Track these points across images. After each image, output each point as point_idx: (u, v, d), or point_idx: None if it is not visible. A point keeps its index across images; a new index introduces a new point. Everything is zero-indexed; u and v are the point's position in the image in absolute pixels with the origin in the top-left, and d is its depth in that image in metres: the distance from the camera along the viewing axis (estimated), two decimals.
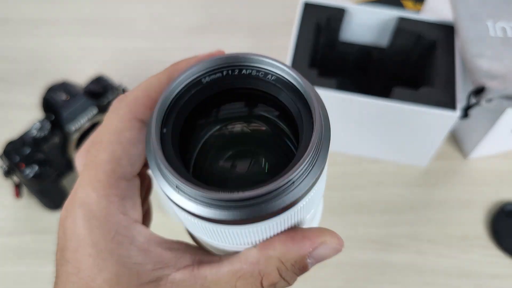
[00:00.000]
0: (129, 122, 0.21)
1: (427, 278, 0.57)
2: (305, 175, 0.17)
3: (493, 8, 0.60)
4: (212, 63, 0.20)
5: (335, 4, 0.63)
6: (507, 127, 0.60)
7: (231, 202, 0.17)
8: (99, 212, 0.20)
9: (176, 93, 0.19)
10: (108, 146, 0.21)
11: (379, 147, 0.64)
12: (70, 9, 0.83)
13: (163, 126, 0.19)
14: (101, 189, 0.20)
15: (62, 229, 0.21)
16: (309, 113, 0.19)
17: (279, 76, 0.21)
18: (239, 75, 0.20)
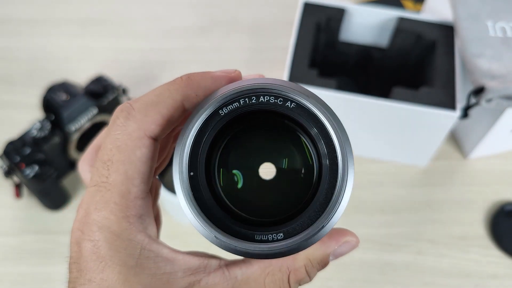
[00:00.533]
0: (139, 141, 0.21)
1: (427, 278, 0.57)
2: (324, 226, 0.20)
3: (492, 8, 0.60)
4: (229, 95, 0.20)
5: (335, 4, 0.63)
6: (507, 127, 0.60)
7: (265, 252, 0.19)
8: (121, 234, 0.20)
9: (195, 135, 0.20)
10: (120, 167, 0.20)
11: (379, 147, 0.64)
12: (71, 9, 0.83)
13: (190, 171, 0.20)
14: (119, 211, 0.20)
15: (78, 250, 0.21)
16: (331, 146, 0.21)
17: (302, 104, 0.21)
18: (258, 102, 0.20)
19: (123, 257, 0.20)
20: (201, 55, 0.77)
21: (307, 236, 0.20)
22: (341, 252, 0.22)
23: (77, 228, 0.21)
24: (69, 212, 0.62)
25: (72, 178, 0.64)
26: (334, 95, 0.55)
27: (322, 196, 0.20)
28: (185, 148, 0.20)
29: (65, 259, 0.22)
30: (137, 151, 0.21)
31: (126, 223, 0.20)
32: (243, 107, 0.20)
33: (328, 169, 0.21)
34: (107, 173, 0.21)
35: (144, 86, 0.73)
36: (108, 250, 0.20)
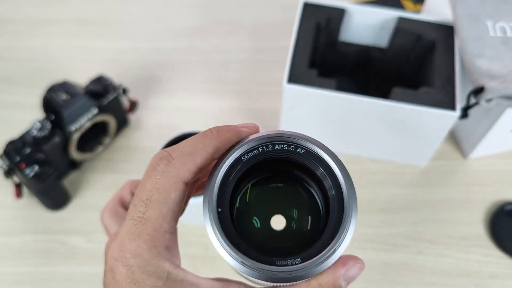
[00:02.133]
0: (176, 185, 0.25)
1: (427, 278, 0.57)
2: (336, 250, 0.23)
3: (492, 8, 0.60)
4: (251, 145, 0.25)
5: (335, 4, 0.63)
6: (507, 127, 0.60)
7: (286, 273, 0.23)
8: (151, 260, 0.24)
9: (223, 176, 0.24)
10: (157, 205, 0.24)
11: (379, 147, 0.64)
12: (71, 9, 0.83)
13: (218, 207, 0.24)
14: (150, 241, 0.24)
15: (113, 277, 0.24)
16: (339, 190, 0.24)
17: (310, 151, 0.25)
18: (273, 150, 0.25)
19: (153, 279, 0.23)
20: (201, 55, 0.77)
21: (321, 258, 0.23)
22: (350, 275, 0.24)
23: (111, 257, 0.25)
24: (69, 212, 0.62)
25: (72, 178, 0.64)
26: (333, 95, 0.55)
27: (332, 227, 0.24)
28: (214, 187, 0.24)
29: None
30: (173, 194, 0.25)
31: (155, 252, 0.24)
32: (262, 154, 0.25)
33: (336, 204, 0.24)
34: (144, 209, 0.24)
35: (144, 86, 0.73)
36: (140, 274, 0.24)
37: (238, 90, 0.73)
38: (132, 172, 0.65)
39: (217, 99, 0.72)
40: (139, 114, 0.70)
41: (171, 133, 0.60)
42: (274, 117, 0.69)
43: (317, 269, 0.23)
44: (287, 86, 0.56)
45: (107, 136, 0.65)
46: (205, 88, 0.73)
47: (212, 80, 0.74)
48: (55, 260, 0.58)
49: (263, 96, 0.72)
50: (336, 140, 0.63)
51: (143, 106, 0.71)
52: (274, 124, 0.69)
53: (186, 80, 0.74)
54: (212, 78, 0.74)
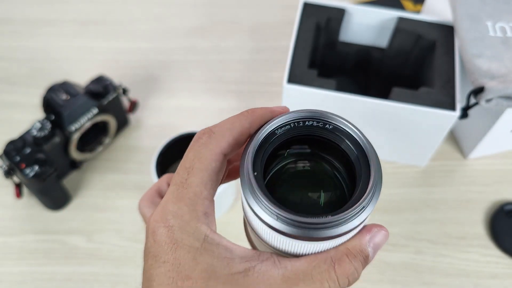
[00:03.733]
0: (216, 155, 0.27)
1: (426, 277, 0.57)
2: (365, 207, 0.24)
3: (492, 8, 0.60)
4: (284, 119, 0.26)
5: (335, 4, 0.63)
6: (507, 127, 0.60)
7: (318, 225, 0.23)
8: (191, 222, 0.25)
9: (258, 144, 0.26)
10: (198, 173, 0.26)
11: (379, 147, 0.63)
12: (71, 9, 0.83)
13: (254, 170, 0.25)
14: (191, 205, 0.26)
15: (154, 239, 0.26)
16: (364, 158, 0.25)
17: (338, 126, 0.27)
18: (303, 125, 0.27)
19: (191, 240, 0.25)
20: (201, 55, 0.77)
21: (350, 213, 0.23)
22: (376, 242, 0.26)
23: (153, 220, 0.26)
24: (69, 212, 0.62)
25: (72, 178, 0.64)
26: (333, 95, 0.55)
27: (359, 191, 0.25)
28: (250, 153, 0.25)
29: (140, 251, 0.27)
30: (213, 163, 0.27)
31: (195, 214, 0.26)
32: (293, 129, 0.26)
33: (362, 170, 0.25)
34: (186, 176, 0.26)
35: (144, 86, 0.73)
36: (180, 234, 0.25)
37: (238, 90, 0.73)
38: (132, 172, 0.65)
39: (217, 99, 0.72)
40: (139, 114, 0.70)
41: (171, 133, 0.60)
42: None
43: (346, 225, 0.23)
44: (287, 86, 0.56)
45: (107, 136, 0.65)
46: (205, 88, 0.73)
47: (212, 80, 0.74)
48: (55, 260, 0.58)
49: (263, 96, 0.72)
50: None
51: (143, 106, 0.71)
52: None
53: (186, 80, 0.74)
54: (212, 78, 0.74)
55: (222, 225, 0.60)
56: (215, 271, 0.24)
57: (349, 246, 0.25)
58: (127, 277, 0.57)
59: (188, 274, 0.24)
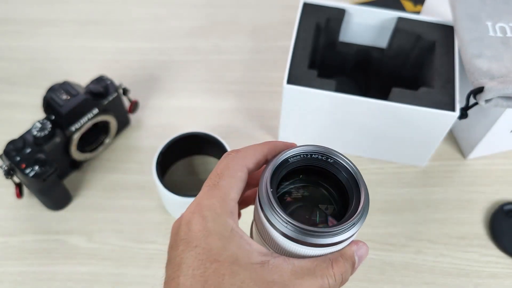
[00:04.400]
0: (241, 167, 0.33)
1: (427, 277, 0.57)
2: (355, 224, 0.30)
3: (492, 8, 0.60)
4: (296, 151, 0.33)
5: (335, 5, 0.63)
6: (506, 127, 0.60)
7: (319, 233, 0.29)
8: (222, 215, 0.30)
9: (275, 167, 0.32)
10: (227, 178, 0.32)
11: (378, 147, 0.64)
12: (71, 9, 0.83)
13: (271, 187, 0.31)
14: (222, 202, 0.31)
15: (188, 229, 0.30)
16: (357, 187, 0.32)
17: (337, 161, 0.33)
18: (310, 157, 0.33)
19: (221, 229, 0.30)
20: (201, 55, 0.77)
21: (344, 226, 0.30)
22: (360, 253, 0.32)
23: (189, 212, 0.31)
24: (69, 212, 0.62)
25: (72, 178, 0.64)
26: (333, 95, 0.55)
27: (351, 212, 0.31)
28: (268, 174, 0.31)
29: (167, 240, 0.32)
30: (239, 172, 0.32)
31: (225, 210, 0.31)
32: (302, 160, 0.33)
33: (354, 196, 0.32)
34: (218, 180, 0.32)
35: (145, 86, 0.73)
36: (212, 223, 0.30)
37: (238, 90, 0.73)
38: (132, 172, 0.65)
39: (217, 99, 0.72)
40: (140, 114, 0.70)
41: (172, 133, 0.60)
42: (274, 117, 0.69)
43: (340, 236, 0.30)
44: (286, 87, 0.56)
45: (108, 136, 0.65)
46: (205, 88, 0.73)
47: (212, 80, 0.74)
48: (56, 260, 0.58)
49: (263, 96, 0.72)
50: (336, 140, 0.63)
51: (144, 106, 0.71)
52: (274, 124, 0.69)
53: (186, 80, 0.74)
54: (212, 78, 0.74)
55: None
56: (238, 259, 0.29)
57: (342, 252, 0.31)
58: (127, 277, 0.57)
59: (216, 258, 0.29)
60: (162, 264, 0.62)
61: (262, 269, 0.29)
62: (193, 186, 0.63)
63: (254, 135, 0.68)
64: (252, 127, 0.69)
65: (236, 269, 0.29)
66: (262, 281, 0.29)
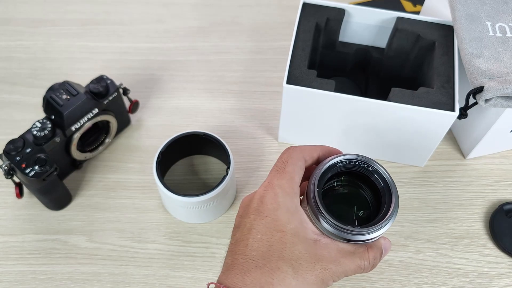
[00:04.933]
0: (301, 158, 0.39)
1: (426, 277, 0.57)
2: (385, 224, 0.37)
3: (492, 8, 0.60)
4: (342, 158, 0.39)
5: (334, 5, 0.63)
6: (506, 127, 0.60)
7: (355, 232, 0.37)
8: (289, 193, 0.37)
9: (323, 170, 0.38)
10: (291, 165, 0.38)
11: (378, 147, 0.64)
12: (71, 9, 0.83)
13: (318, 187, 0.37)
14: (289, 183, 0.38)
15: (261, 201, 0.37)
16: (389, 193, 0.39)
17: (376, 169, 0.40)
18: (354, 164, 0.40)
19: (289, 205, 0.37)
20: (201, 55, 0.77)
21: (376, 227, 0.37)
22: (385, 247, 0.39)
23: (262, 189, 0.38)
24: (70, 212, 0.62)
25: (73, 178, 0.64)
26: (333, 95, 0.55)
27: (382, 213, 0.38)
28: (317, 175, 0.38)
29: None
30: (299, 162, 0.39)
31: (292, 189, 0.37)
32: (346, 165, 0.39)
33: (386, 201, 0.38)
34: (284, 166, 0.38)
35: (145, 86, 0.73)
36: (282, 198, 0.37)
37: (238, 90, 0.73)
38: (133, 172, 0.65)
39: (217, 99, 0.72)
40: (140, 114, 0.70)
41: (172, 133, 0.60)
42: (274, 117, 0.70)
43: (371, 235, 0.37)
44: (286, 87, 0.56)
45: (108, 136, 0.65)
46: (205, 88, 0.73)
47: (212, 80, 0.74)
48: (56, 260, 0.58)
49: (263, 96, 0.72)
50: (335, 140, 0.63)
51: (144, 106, 0.71)
52: (274, 124, 0.69)
53: (186, 80, 0.74)
54: (212, 78, 0.75)
55: (223, 224, 0.60)
56: (298, 232, 0.36)
57: (374, 242, 0.38)
58: (127, 277, 0.57)
59: (281, 228, 0.35)
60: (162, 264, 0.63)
61: (315, 244, 0.36)
62: (193, 186, 0.63)
63: (254, 135, 0.69)
64: (252, 127, 0.69)
65: (295, 240, 0.35)
66: (315, 254, 0.35)
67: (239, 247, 0.36)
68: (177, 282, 0.56)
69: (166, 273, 0.57)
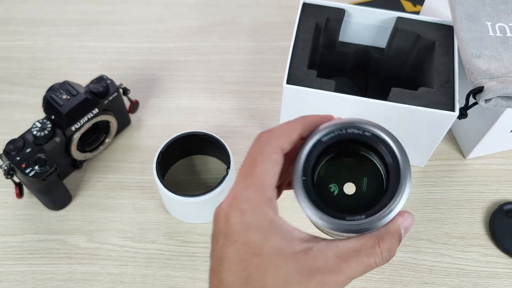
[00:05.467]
0: (275, 149, 0.31)
1: (426, 277, 0.57)
2: (396, 206, 0.29)
3: (492, 8, 0.60)
4: (328, 129, 0.31)
5: (334, 5, 0.63)
6: (506, 127, 0.60)
7: (357, 226, 0.29)
8: (260, 206, 0.29)
9: (306, 154, 0.31)
10: (262, 164, 0.30)
11: None
12: (71, 9, 0.83)
13: (303, 176, 0.30)
14: (258, 191, 0.30)
15: (226, 221, 0.29)
16: (396, 162, 0.30)
17: (374, 133, 0.31)
18: (346, 133, 0.31)
19: (261, 221, 0.29)
20: (201, 55, 0.77)
21: (381, 215, 0.29)
22: (406, 225, 0.30)
23: (226, 205, 0.30)
24: (70, 212, 0.62)
25: (73, 178, 0.64)
26: (333, 95, 0.55)
27: (390, 191, 0.29)
28: (301, 161, 0.31)
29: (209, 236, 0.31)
30: (273, 155, 0.31)
31: (262, 199, 0.29)
32: (337, 136, 0.31)
33: (393, 173, 0.30)
34: (252, 166, 0.30)
35: (145, 86, 0.73)
36: (251, 216, 0.29)
37: (238, 90, 0.73)
38: (133, 172, 0.65)
39: (217, 99, 0.72)
40: (140, 114, 0.70)
41: (172, 133, 0.60)
42: (274, 117, 0.70)
43: (377, 223, 0.29)
44: (286, 87, 0.56)
45: (108, 136, 0.65)
46: (205, 88, 0.73)
47: (212, 80, 0.74)
48: (56, 260, 0.58)
49: (263, 96, 0.72)
50: None
51: (144, 106, 0.71)
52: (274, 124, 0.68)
53: (186, 80, 0.74)
54: (212, 78, 0.75)
55: None
56: (280, 250, 0.28)
57: (387, 227, 0.29)
58: (127, 277, 0.57)
59: (257, 252, 0.28)
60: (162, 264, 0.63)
61: (306, 256, 0.28)
62: (193, 186, 0.63)
63: (254, 135, 0.68)
64: (252, 127, 0.69)
65: (278, 262, 0.28)
66: (307, 270, 0.28)
67: (214, 281, 0.30)
68: (177, 282, 0.56)
69: (166, 273, 0.57)
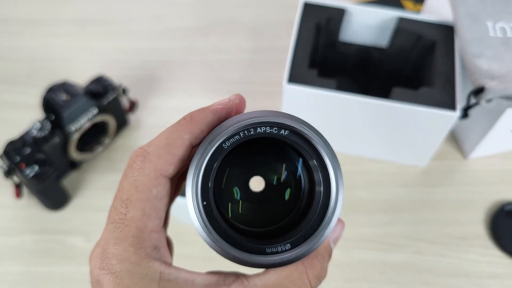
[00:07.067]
0: (156, 180, 0.23)
1: (426, 277, 0.57)
2: (326, 231, 0.23)
3: (492, 8, 0.60)
4: (230, 131, 0.23)
5: (335, 4, 0.63)
6: (507, 127, 0.60)
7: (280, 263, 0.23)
8: (141, 262, 0.22)
9: (203, 168, 0.23)
10: (138, 204, 0.23)
11: (379, 147, 0.64)
12: (71, 9, 0.83)
13: (203, 201, 0.23)
14: (137, 243, 0.22)
15: (98, 281, 0.22)
16: (325, 170, 0.23)
17: (295, 130, 0.24)
18: (256, 133, 0.24)
19: (146, 282, 0.22)
20: (201, 55, 0.77)
21: (311, 243, 0.23)
22: (336, 236, 0.25)
23: (95, 267, 0.22)
24: (69, 212, 0.62)
25: (72, 178, 0.64)
26: (333, 95, 0.55)
27: (319, 208, 0.23)
28: (198, 181, 0.23)
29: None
30: (154, 190, 0.23)
31: (144, 253, 0.22)
32: (243, 138, 0.23)
33: (322, 180, 0.23)
34: (125, 210, 0.23)
35: (144, 86, 0.73)
36: (130, 279, 0.22)
37: (238, 90, 0.73)
38: None
39: (217, 99, 0.72)
40: (139, 114, 0.70)
41: None
42: None
43: (308, 252, 0.23)
44: (287, 86, 0.56)
45: (107, 136, 0.65)
46: (205, 88, 0.73)
47: (212, 80, 0.74)
48: (55, 260, 0.58)
49: (263, 96, 0.72)
50: (336, 140, 0.63)
51: (143, 106, 0.71)
52: None
53: (186, 80, 0.74)
54: (212, 78, 0.74)
55: None
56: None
57: (314, 253, 0.24)
58: None
59: None
60: None
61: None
62: None
63: None
64: None
65: None
66: None
67: None
68: None
69: None
